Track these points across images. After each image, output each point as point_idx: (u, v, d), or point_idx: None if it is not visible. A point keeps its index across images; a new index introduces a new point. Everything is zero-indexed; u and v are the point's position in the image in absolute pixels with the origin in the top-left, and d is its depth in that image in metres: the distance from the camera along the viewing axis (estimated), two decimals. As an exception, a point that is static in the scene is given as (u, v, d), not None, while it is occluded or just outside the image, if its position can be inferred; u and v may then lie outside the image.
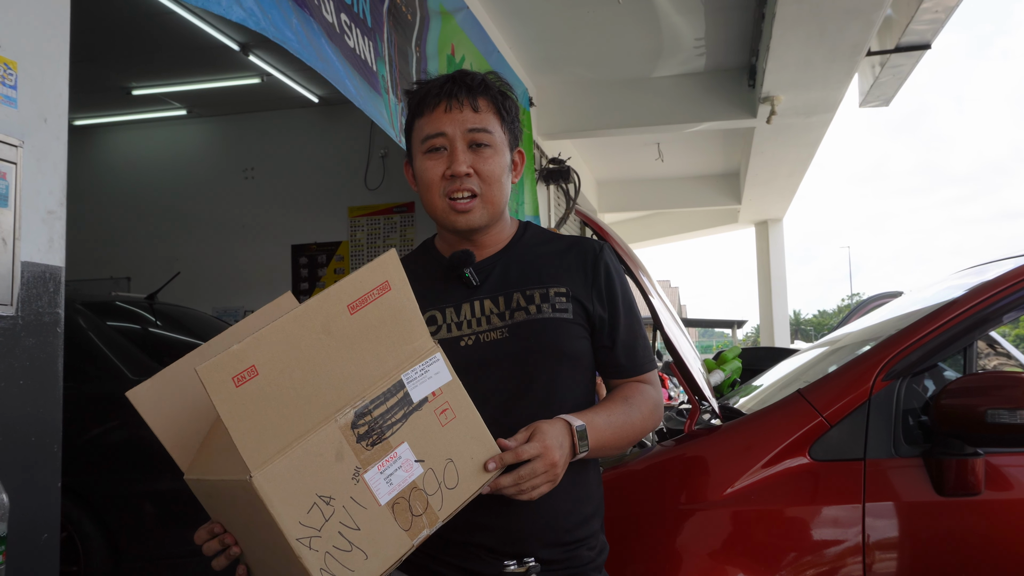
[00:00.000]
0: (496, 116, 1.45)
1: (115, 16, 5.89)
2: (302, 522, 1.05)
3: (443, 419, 1.20)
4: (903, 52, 6.17)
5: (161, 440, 1.26)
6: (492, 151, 1.42)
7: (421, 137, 1.44)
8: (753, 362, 3.77)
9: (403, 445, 1.15)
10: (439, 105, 1.42)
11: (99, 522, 3.67)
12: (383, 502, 1.11)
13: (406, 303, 1.20)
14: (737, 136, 9.69)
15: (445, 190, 1.42)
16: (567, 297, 1.42)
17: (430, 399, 1.19)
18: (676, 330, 2.32)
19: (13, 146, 1.84)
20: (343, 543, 1.07)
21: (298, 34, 2.68)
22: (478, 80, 1.45)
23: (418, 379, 1.19)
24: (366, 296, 1.16)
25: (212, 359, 1.01)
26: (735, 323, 16.89)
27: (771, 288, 13.52)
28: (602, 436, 1.34)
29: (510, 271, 1.46)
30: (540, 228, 1.57)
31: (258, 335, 1.06)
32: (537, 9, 6.06)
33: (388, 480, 1.12)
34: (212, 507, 1.23)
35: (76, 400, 2.86)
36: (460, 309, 1.42)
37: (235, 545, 1.19)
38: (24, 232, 1.86)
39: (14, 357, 1.83)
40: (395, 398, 1.16)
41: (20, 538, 1.71)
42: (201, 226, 7.90)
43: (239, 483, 1.05)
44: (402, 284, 1.20)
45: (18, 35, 1.88)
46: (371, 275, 1.17)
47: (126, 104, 7.68)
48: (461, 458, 1.20)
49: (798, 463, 1.85)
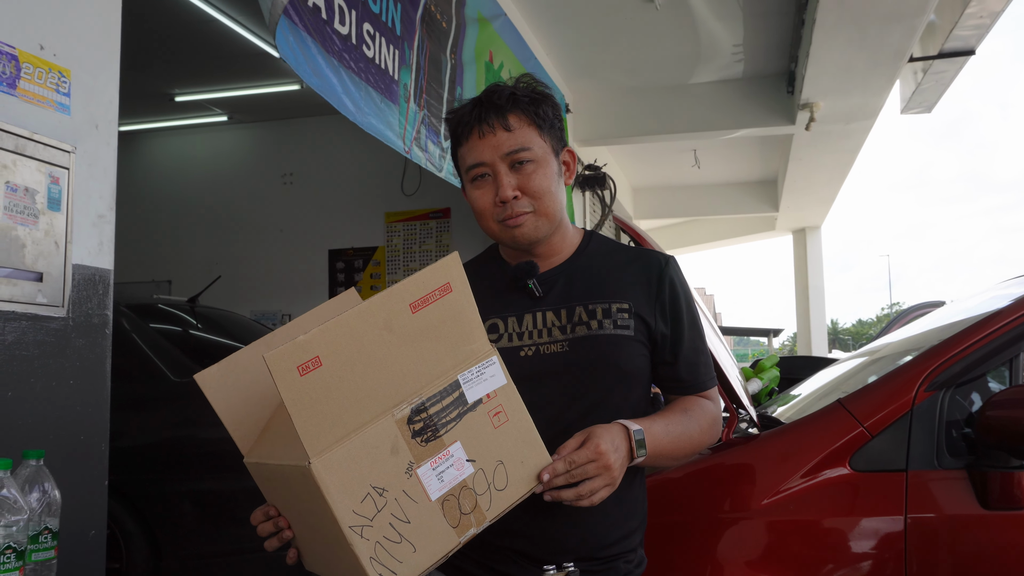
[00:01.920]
0: (533, 127, 1.42)
1: (160, 25, 6.01)
2: (355, 511, 1.08)
3: (496, 421, 1.21)
4: (946, 58, 6.07)
5: (224, 422, 1.30)
6: (535, 165, 1.41)
7: (465, 167, 1.45)
8: (791, 371, 3.74)
9: (456, 444, 1.17)
10: (472, 132, 1.41)
11: (141, 520, 3.73)
12: (434, 498, 1.13)
13: (466, 305, 1.23)
14: (775, 143, 9.60)
15: (498, 217, 1.42)
16: (629, 313, 1.41)
17: (484, 401, 1.21)
18: (713, 338, 2.31)
19: (66, 152, 1.89)
20: (393, 534, 1.10)
21: (293, 51, 2.75)
22: (506, 95, 1.41)
23: (474, 380, 1.21)
24: (427, 296, 1.18)
25: (279, 347, 1.05)
26: (771, 332, 16.69)
27: (808, 297, 13.36)
28: (660, 444, 1.33)
29: (574, 283, 1.45)
30: (605, 238, 1.56)
31: (324, 327, 1.09)
32: (575, 15, 6.07)
33: (440, 477, 1.14)
34: (269, 490, 1.27)
35: (119, 400, 2.92)
36: (522, 320, 1.42)
37: (288, 528, 1.23)
38: (75, 235, 1.91)
39: (65, 357, 1.87)
40: (451, 397, 1.18)
41: (69, 534, 1.75)
42: (241, 230, 8.01)
43: (297, 469, 1.08)
44: (463, 286, 1.22)
45: (72, 44, 1.94)
46: (433, 276, 1.20)
47: (169, 110, 7.83)
48: (512, 461, 1.21)
49: (838, 473, 1.83)
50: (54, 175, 1.85)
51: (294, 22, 2.76)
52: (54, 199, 1.85)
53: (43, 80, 1.85)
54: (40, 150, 1.82)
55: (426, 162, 3.86)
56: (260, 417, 1.32)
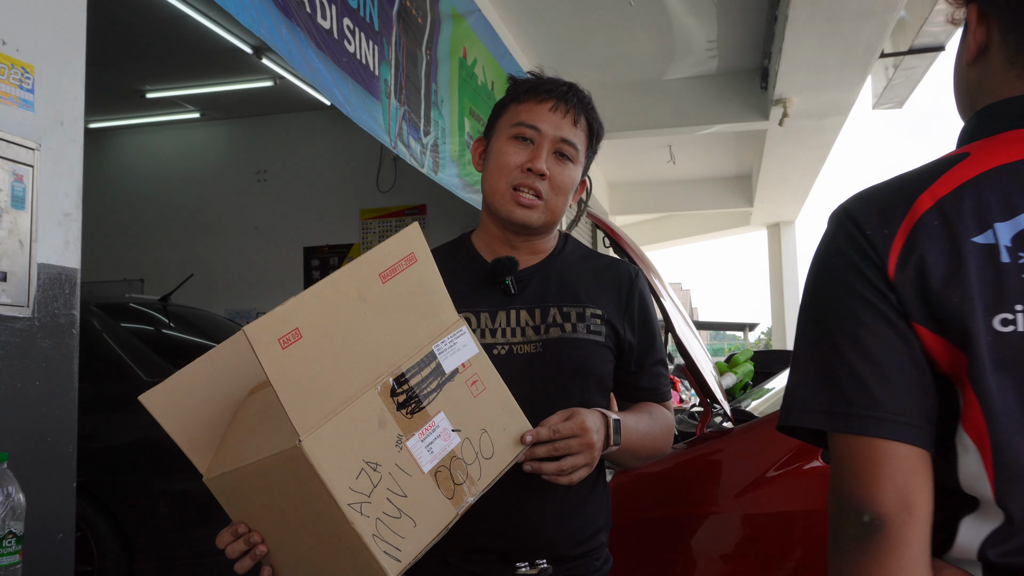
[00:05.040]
0: (587, 139, 1.47)
1: (129, 20, 5.93)
2: (352, 487, 1.03)
3: (474, 390, 1.21)
4: (917, 54, 6.13)
5: (178, 443, 1.24)
6: (572, 165, 1.44)
7: (514, 121, 1.43)
8: (765, 365, 3.77)
9: (440, 414, 1.15)
10: (547, 101, 1.42)
11: (113, 522, 3.69)
12: (426, 470, 1.11)
13: (431, 275, 1.22)
14: (749, 138, 9.66)
15: (514, 180, 1.41)
16: (601, 320, 1.42)
17: (460, 370, 1.20)
18: (688, 333, 2.32)
19: (30, 149, 1.85)
20: (392, 510, 1.06)
21: (287, 43, 2.72)
22: (588, 99, 1.48)
23: (448, 351, 1.20)
24: (395, 266, 1.17)
25: (257, 320, 1.00)
26: (747, 326, 16.80)
27: (783, 291, 13.47)
28: (630, 437, 1.35)
29: (549, 284, 1.45)
30: (579, 242, 1.58)
31: (298, 298, 1.05)
32: (549, 12, 6.06)
33: (429, 448, 1.12)
34: (236, 503, 1.20)
35: (90, 401, 2.88)
36: (495, 316, 1.42)
37: (261, 543, 1.16)
38: (41, 234, 1.88)
39: (30, 358, 1.84)
40: (429, 368, 1.17)
41: (35, 538, 1.72)
42: (214, 228, 7.94)
43: (282, 456, 1.03)
44: (427, 257, 1.21)
45: (35, 39, 1.90)
46: (398, 246, 1.18)
47: (140, 107, 7.74)
48: (494, 428, 1.20)
49: (810, 466, 1.85)
50: (18, 173, 1.82)
51: (287, 15, 2.73)
52: (18, 197, 1.82)
53: (6, 76, 1.81)
54: (3, 147, 1.78)
55: (409, 158, 3.84)
56: (215, 434, 1.26)
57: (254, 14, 2.53)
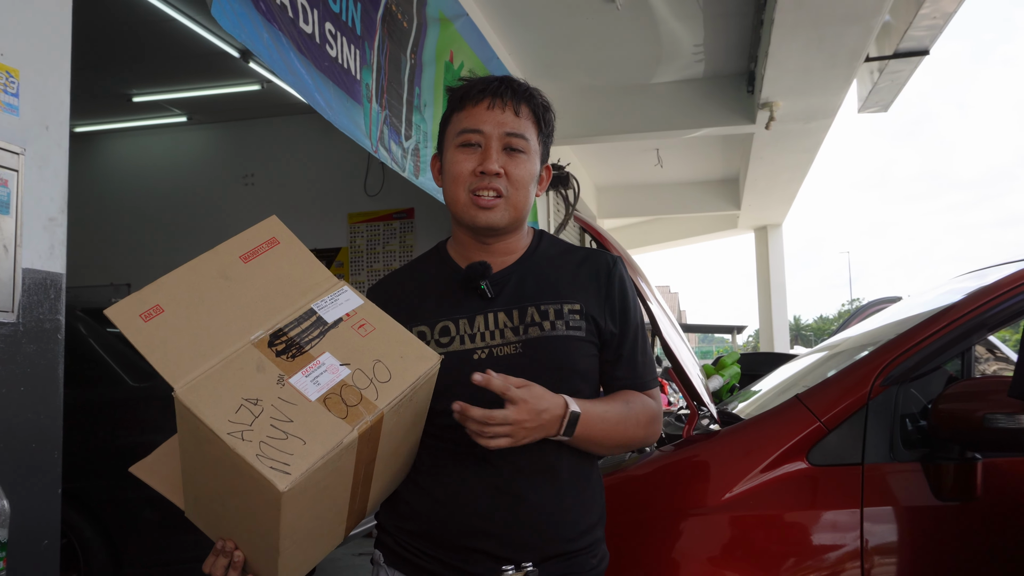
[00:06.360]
0: (535, 126, 1.45)
1: (116, 23, 5.91)
2: (231, 420, 1.08)
3: (362, 332, 1.24)
4: (902, 58, 6.18)
5: (174, 502, 1.34)
6: (525, 157, 1.43)
7: (458, 130, 1.44)
8: (752, 367, 3.78)
9: (325, 354, 1.19)
10: (482, 102, 1.42)
11: (100, 528, 3.67)
12: (313, 398, 1.14)
13: (300, 252, 1.29)
14: (736, 142, 9.70)
15: (471, 186, 1.41)
16: (581, 314, 1.42)
17: (345, 319, 1.25)
18: (675, 336, 2.32)
19: (15, 153, 1.84)
20: (277, 433, 1.09)
21: (269, 48, 2.72)
22: (524, 87, 1.46)
23: (329, 306, 1.25)
24: (256, 249, 1.27)
25: (119, 302, 1.12)
26: (735, 328, 16.86)
27: (771, 293, 13.52)
28: (592, 428, 1.34)
29: (525, 283, 1.45)
30: (554, 238, 1.57)
31: (158, 281, 1.17)
32: (536, 16, 6.08)
33: (315, 382, 1.16)
34: (206, 518, 1.26)
35: (76, 406, 2.86)
36: (474, 321, 1.41)
37: (237, 549, 1.21)
38: (25, 239, 1.87)
39: (15, 364, 1.83)
40: (308, 322, 1.23)
41: (20, 544, 1.71)
42: (201, 232, 7.89)
43: (179, 427, 1.11)
44: (291, 239, 1.30)
45: (20, 43, 1.89)
46: (257, 234, 1.28)
47: (127, 111, 7.70)
48: (390, 357, 1.22)
49: (796, 468, 1.86)
50: (2, 177, 1.81)
51: (268, 20, 2.73)
52: (3, 202, 1.81)
53: (-10, 80, 1.81)
54: (-13, 152, 1.77)
55: (391, 162, 3.84)
56: None
57: (235, 19, 2.54)
